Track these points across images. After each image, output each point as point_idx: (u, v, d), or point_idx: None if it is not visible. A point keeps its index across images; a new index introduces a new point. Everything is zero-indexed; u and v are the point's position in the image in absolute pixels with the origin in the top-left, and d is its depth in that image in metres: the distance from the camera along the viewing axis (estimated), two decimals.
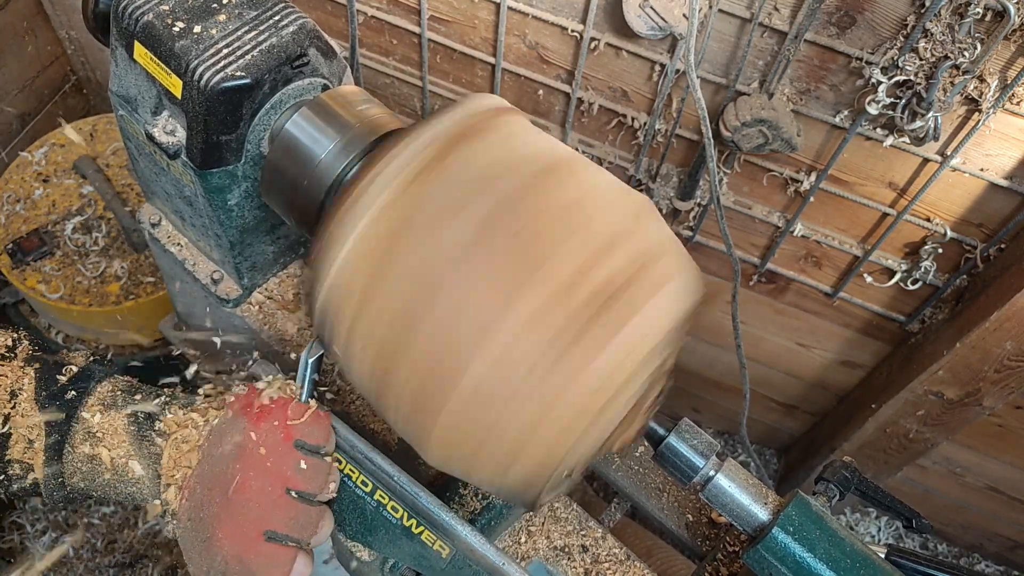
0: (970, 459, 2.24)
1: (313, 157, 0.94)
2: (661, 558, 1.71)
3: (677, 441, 0.97)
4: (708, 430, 2.69)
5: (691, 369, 2.50)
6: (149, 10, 0.93)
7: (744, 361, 2.02)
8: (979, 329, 1.63)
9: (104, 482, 0.92)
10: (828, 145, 1.68)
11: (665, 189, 1.91)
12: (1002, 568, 2.68)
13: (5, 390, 0.92)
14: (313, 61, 0.98)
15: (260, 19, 0.95)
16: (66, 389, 0.93)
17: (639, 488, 1.25)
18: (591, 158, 1.92)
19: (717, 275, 2.11)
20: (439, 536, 0.92)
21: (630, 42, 1.65)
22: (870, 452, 2.14)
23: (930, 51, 1.40)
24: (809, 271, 1.99)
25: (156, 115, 0.97)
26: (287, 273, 1.28)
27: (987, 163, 1.57)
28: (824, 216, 1.84)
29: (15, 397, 0.92)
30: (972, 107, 1.48)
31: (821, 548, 0.93)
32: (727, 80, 1.63)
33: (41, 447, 0.91)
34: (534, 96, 1.87)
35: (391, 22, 1.85)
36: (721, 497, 0.98)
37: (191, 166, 0.98)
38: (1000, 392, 1.75)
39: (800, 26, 1.47)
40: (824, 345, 2.19)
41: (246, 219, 1.09)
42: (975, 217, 1.68)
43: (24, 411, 0.91)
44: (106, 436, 0.91)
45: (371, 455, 0.92)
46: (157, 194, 1.18)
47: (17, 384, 0.93)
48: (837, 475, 1.05)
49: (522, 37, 1.75)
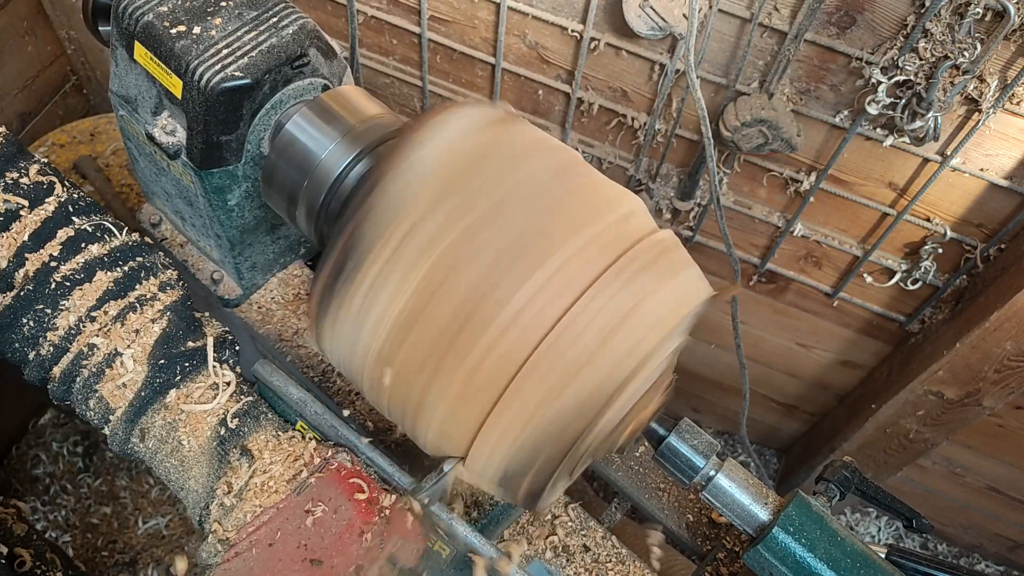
0: (970, 459, 2.24)
1: (313, 157, 0.94)
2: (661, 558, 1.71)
3: (677, 441, 0.97)
4: (708, 430, 2.68)
5: (691, 369, 2.50)
6: (149, 10, 0.93)
7: (744, 361, 2.02)
8: (979, 329, 1.62)
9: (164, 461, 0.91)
10: (828, 145, 1.68)
11: (665, 189, 1.91)
12: (1002, 568, 2.68)
13: (131, 327, 0.92)
14: (313, 61, 0.98)
15: (260, 19, 0.95)
16: (181, 359, 0.92)
17: (639, 488, 1.25)
18: (591, 158, 1.92)
19: (717, 275, 2.11)
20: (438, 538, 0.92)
21: (630, 42, 1.65)
22: (870, 452, 2.14)
23: (930, 51, 1.40)
24: (809, 271, 1.99)
25: (156, 115, 0.97)
26: (287, 273, 1.28)
27: (987, 163, 1.57)
28: (824, 216, 1.84)
29: (138, 336, 0.92)
30: (972, 107, 1.48)
31: (821, 548, 0.93)
32: (727, 80, 1.63)
33: (130, 395, 0.90)
34: (534, 96, 1.87)
35: (391, 22, 1.85)
36: (721, 497, 0.98)
37: (191, 166, 0.98)
38: (1000, 392, 1.75)
39: (800, 26, 1.47)
40: (824, 345, 2.19)
41: (246, 219, 1.09)
42: (975, 217, 1.68)
43: (136, 355, 0.91)
44: (189, 424, 0.91)
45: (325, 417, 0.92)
46: (157, 194, 1.18)
47: (146, 327, 0.92)
48: (837, 475, 1.05)
49: (522, 37, 1.75)
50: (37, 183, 0.97)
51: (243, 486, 0.88)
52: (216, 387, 0.93)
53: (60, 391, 0.93)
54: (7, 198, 0.95)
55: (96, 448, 2.12)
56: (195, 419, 0.91)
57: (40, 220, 0.95)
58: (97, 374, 0.91)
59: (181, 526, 2.02)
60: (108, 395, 0.91)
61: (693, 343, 0.90)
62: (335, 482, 0.88)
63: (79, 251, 0.95)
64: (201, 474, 0.90)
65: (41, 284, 0.92)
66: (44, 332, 0.92)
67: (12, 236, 0.94)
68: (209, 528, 0.88)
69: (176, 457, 0.91)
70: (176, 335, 0.93)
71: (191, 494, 0.91)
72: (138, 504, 2.05)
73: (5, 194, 0.95)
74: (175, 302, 0.96)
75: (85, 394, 0.92)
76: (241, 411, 0.93)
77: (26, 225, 0.94)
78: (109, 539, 1.99)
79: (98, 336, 0.91)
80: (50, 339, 0.92)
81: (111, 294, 0.93)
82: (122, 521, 2.02)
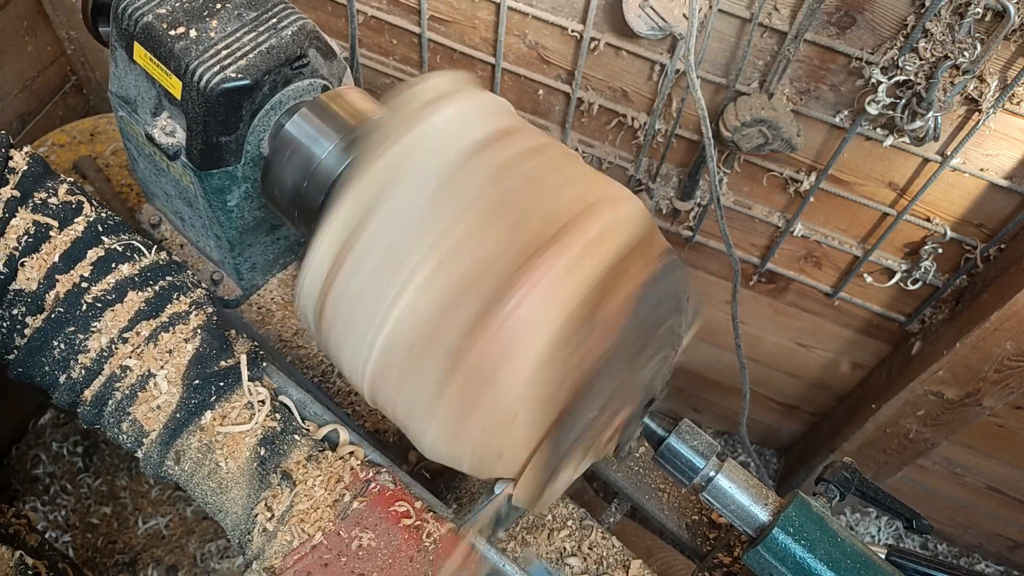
0: (970, 459, 2.24)
1: (313, 158, 0.94)
2: (661, 558, 1.71)
3: (677, 442, 0.97)
4: (708, 430, 2.69)
5: (691, 369, 2.50)
6: (149, 11, 0.93)
7: (744, 361, 2.02)
8: (979, 329, 1.62)
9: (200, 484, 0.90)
10: (828, 145, 1.68)
11: (665, 189, 1.91)
12: (1002, 568, 2.68)
13: (164, 348, 0.91)
14: (313, 62, 0.98)
15: (259, 20, 0.95)
16: (215, 379, 0.90)
17: (639, 488, 1.25)
18: (591, 158, 1.92)
19: (717, 275, 2.11)
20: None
21: (630, 42, 1.64)
22: (870, 452, 2.13)
23: (930, 51, 1.40)
24: (809, 271, 1.99)
25: (156, 116, 0.97)
26: (287, 274, 1.28)
27: (987, 163, 1.57)
28: (824, 216, 1.84)
29: (171, 356, 0.91)
30: (972, 107, 1.48)
31: (821, 548, 0.93)
32: (727, 80, 1.63)
33: (164, 418, 0.89)
34: (534, 96, 1.87)
35: (391, 22, 1.85)
36: (721, 498, 0.98)
37: (191, 167, 0.98)
38: (1000, 392, 1.75)
39: (800, 26, 1.47)
40: (824, 345, 2.19)
41: (246, 219, 1.09)
42: (975, 217, 1.68)
43: (169, 376, 0.90)
44: (227, 445, 0.89)
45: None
46: (157, 195, 1.18)
47: (179, 347, 0.91)
48: (837, 475, 1.05)
49: (522, 37, 1.75)
50: (66, 203, 0.96)
51: (285, 511, 0.86)
52: (251, 406, 0.92)
53: (91, 415, 0.91)
54: (36, 219, 0.93)
55: (96, 448, 2.12)
56: (233, 440, 0.89)
57: (70, 240, 0.93)
58: (130, 396, 0.89)
59: (181, 526, 2.02)
60: (142, 418, 0.89)
61: (693, 343, 0.89)
62: (380, 505, 0.87)
63: (110, 271, 0.93)
64: (240, 496, 0.88)
65: (72, 306, 0.90)
66: (75, 355, 0.90)
67: (42, 257, 0.92)
68: (252, 554, 0.87)
69: (213, 479, 0.89)
70: (209, 354, 0.92)
71: (230, 516, 0.89)
72: (138, 504, 2.05)
73: (34, 215, 0.93)
74: (206, 320, 0.94)
75: (118, 417, 0.90)
76: (278, 430, 0.91)
77: (56, 246, 0.93)
78: (109, 539, 2.00)
79: (131, 358, 0.90)
80: (82, 362, 0.90)
81: (143, 314, 0.92)
82: (122, 521, 2.02)
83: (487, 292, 0.74)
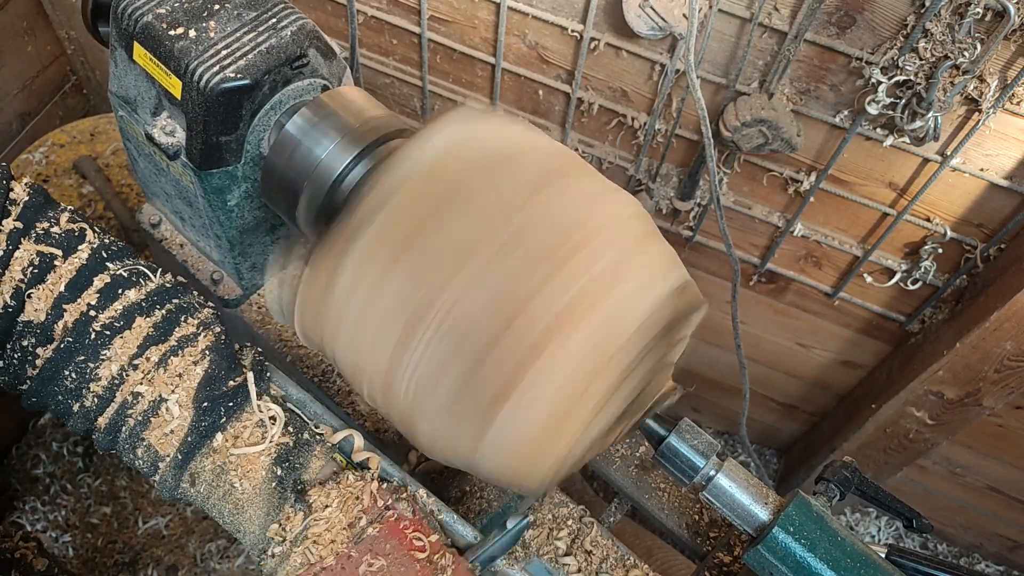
0: (970, 459, 2.24)
1: (313, 158, 0.94)
2: (661, 558, 1.71)
3: (677, 441, 0.97)
4: (708, 430, 2.68)
5: (691, 369, 2.50)
6: (148, 11, 0.93)
7: (744, 361, 2.02)
8: (979, 329, 1.62)
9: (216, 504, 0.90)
10: (828, 145, 1.68)
11: (665, 189, 1.91)
12: (1002, 568, 2.68)
13: (174, 372, 0.91)
14: (313, 62, 0.98)
15: (259, 20, 0.95)
16: (224, 399, 0.91)
17: (639, 488, 1.25)
18: (591, 158, 1.92)
19: (717, 275, 2.11)
20: None
21: (630, 42, 1.65)
22: (870, 452, 2.14)
23: (930, 51, 1.40)
24: (809, 271, 1.99)
25: (156, 116, 0.97)
26: None
27: (987, 163, 1.57)
28: (824, 216, 1.84)
29: (181, 380, 0.91)
30: (972, 107, 1.48)
31: (822, 548, 0.93)
32: (727, 80, 1.63)
33: (177, 442, 0.89)
34: (534, 96, 1.87)
35: (391, 22, 1.85)
36: (721, 497, 0.98)
37: (191, 167, 0.98)
38: (1000, 392, 1.75)
39: (800, 26, 1.47)
40: (824, 345, 2.19)
41: (246, 219, 1.09)
42: (975, 217, 1.68)
43: (180, 400, 0.90)
44: (240, 467, 0.89)
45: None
46: (157, 194, 1.18)
47: (188, 370, 0.91)
48: (837, 475, 1.05)
49: (522, 37, 1.75)
50: (68, 231, 0.95)
51: (300, 532, 0.86)
52: (263, 423, 0.91)
53: (106, 441, 0.91)
54: (40, 249, 0.92)
55: (96, 448, 2.12)
56: (247, 461, 0.89)
57: (75, 269, 0.93)
58: (143, 422, 0.89)
59: (181, 526, 2.02)
60: (156, 443, 0.89)
61: (693, 343, 0.89)
62: (394, 535, 0.86)
63: (116, 298, 0.92)
64: (258, 515, 0.88)
65: (81, 335, 0.90)
66: (87, 383, 0.90)
67: (49, 288, 0.92)
68: (266, 574, 0.87)
69: (229, 500, 0.89)
70: (218, 375, 0.91)
71: (248, 535, 0.89)
72: (138, 504, 2.05)
73: (38, 245, 0.92)
74: (215, 341, 0.94)
75: (132, 443, 0.90)
76: (291, 444, 0.91)
77: (61, 275, 0.92)
78: (109, 539, 1.99)
79: (142, 384, 0.89)
80: (93, 390, 0.90)
81: (152, 339, 0.91)
82: (122, 521, 2.02)
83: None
